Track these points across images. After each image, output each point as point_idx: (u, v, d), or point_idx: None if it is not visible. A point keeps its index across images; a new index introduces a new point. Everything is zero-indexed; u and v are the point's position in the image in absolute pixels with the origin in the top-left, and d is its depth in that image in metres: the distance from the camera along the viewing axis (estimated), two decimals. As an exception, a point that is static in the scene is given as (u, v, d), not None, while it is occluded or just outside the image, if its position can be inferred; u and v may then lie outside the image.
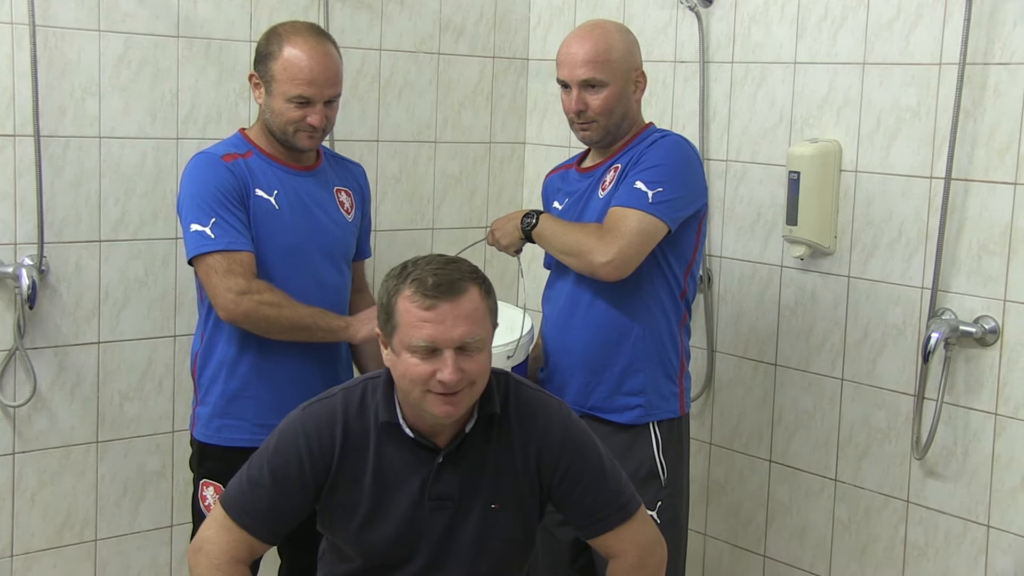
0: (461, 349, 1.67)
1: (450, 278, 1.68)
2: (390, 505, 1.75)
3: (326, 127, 2.21)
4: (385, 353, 1.74)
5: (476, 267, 1.75)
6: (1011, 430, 2.33)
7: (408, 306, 1.67)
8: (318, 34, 2.22)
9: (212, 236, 2.11)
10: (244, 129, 2.29)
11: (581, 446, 1.79)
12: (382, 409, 1.74)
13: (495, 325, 1.76)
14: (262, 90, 2.21)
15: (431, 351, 1.66)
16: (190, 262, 2.16)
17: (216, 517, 1.76)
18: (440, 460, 1.75)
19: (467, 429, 1.76)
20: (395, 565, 1.77)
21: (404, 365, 1.68)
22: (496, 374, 1.79)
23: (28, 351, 2.51)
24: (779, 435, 2.74)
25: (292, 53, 2.16)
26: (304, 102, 2.16)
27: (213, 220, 2.12)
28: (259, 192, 2.18)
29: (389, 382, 1.76)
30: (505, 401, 1.77)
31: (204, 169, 2.18)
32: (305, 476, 1.73)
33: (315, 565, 1.92)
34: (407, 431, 1.74)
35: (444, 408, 1.68)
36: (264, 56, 2.20)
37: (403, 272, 1.71)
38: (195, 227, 2.13)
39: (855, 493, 2.60)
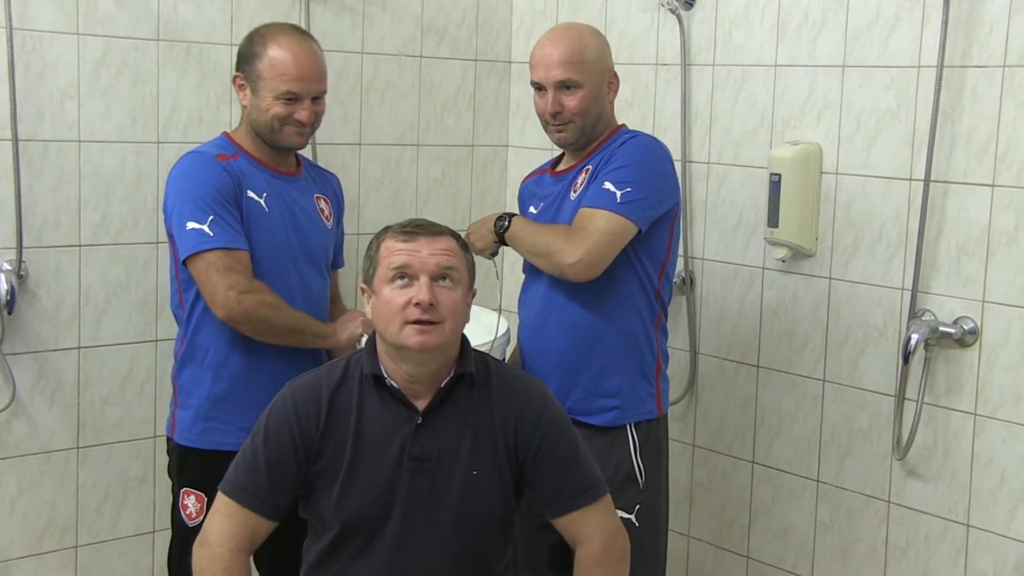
0: (435, 280, 1.76)
1: (429, 223, 1.83)
2: (370, 465, 1.78)
3: (314, 124, 2.21)
4: (368, 306, 1.83)
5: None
6: (990, 430, 2.34)
7: (388, 243, 1.80)
8: (301, 32, 2.24)
9: (211, 234, 2.09)
10: (228, 132, 2.28)
11: (557, 423, 1.85)
12: (366, 363, 1.81)
13: (472, 278, 1.84)
14: (247, 91, 2.20)
15: (408, 278, 1.75)
16: (184, 261, 2.14)
17: (219, 507, 1.79)
18: (419, 420, 1.79)
19: (443, 384, 1.81)
20: (371, 531, 1.79)
21: (384, 300, 1.77)
22: (477, 352, 1.86)
23: (7, 356, 2.50)
24: (762, 436, 2.75)
25: (278, 50, 2.17)
26: (292, 98, 2.16)
27: (211, 218, 2.10)
28: (250, 193, 2.17)
29: (372, 344, 1.84)
30: (487, 375, 1.84)
31: (200, 167, 2.16)
32: (296, 443, 1.78)
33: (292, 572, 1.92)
34: (390, 382, 1.80)
35: (419, 338, 1.74)
36: (248, 56, 2.20)
37: (386, 227, 1.84)
38: (192, 225, 2.10)
39: (837, 494, 2.61)
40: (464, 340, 1.84)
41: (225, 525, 1.77)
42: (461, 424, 1.80)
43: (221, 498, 1.79)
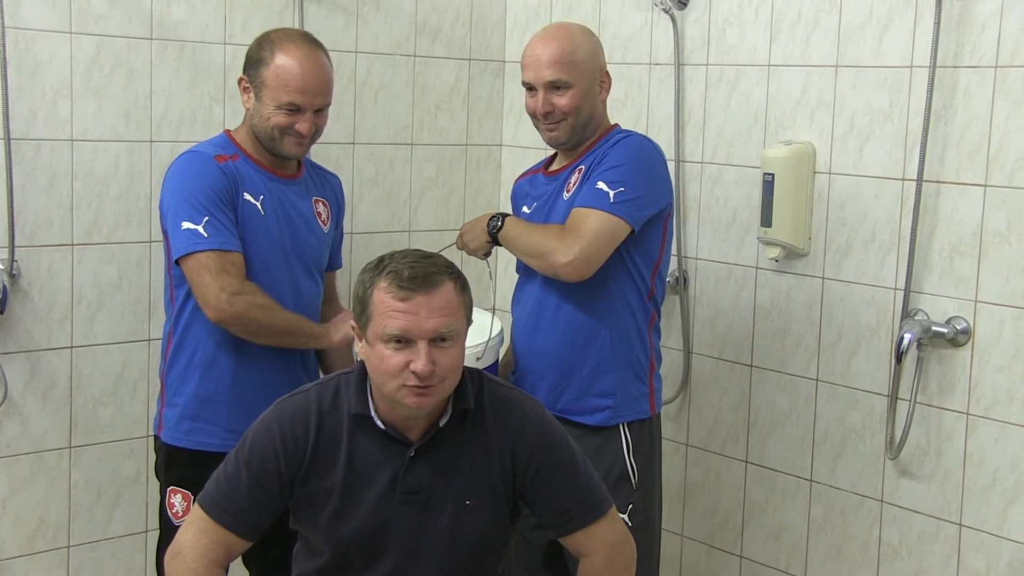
0: (434, 341, 1.68)
1: (426, 271, 1.70)
2: (360, 497, 1.75)
3: (314, 135, 2.21)
4: (360, 346, 1.76)
5: (452, 263, 1.77)
6: (982, 430, 2.35)
7: (383, 297, 1.70)
8: (311, 42, 2.21)
9: (205, 235, 2.09)
10: (229, 131, 2.27)
11: (555, 444, 1.80)
12: (354, 401, 1.76)
13: (469, 321, 1.78)
14: (251, 95, 2.20)
15: (405, 342, 1.68)
16: (177, 261, 2.13)
17: (194, 520, 1.76)
18: (411, 454, 1.75)
19: (441, 424, 1.77)
20: (365, 561, 1.77)
21: (378, 356, 1.70)
22: (470, 372, 1.80)
23: (-1, 356, 2.50)
24: (755, 436, 2.75)
25: (284, 60, 2.15)
26: (294, 109, 2.15)
27: (206, 219, 2.10)
28: (247, 196, 2.17)
29: (362, 376, 1.78)
30: (479, 398, 1.79)
31: (197, 167, 2.15)
32: (280, 468, 1.74)
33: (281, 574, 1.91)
34: (378, 423, 1.76)
35: (417, 400, 1.69)
36: (255, 61, 2.19)
37: (379, 265, 1.74)
38: (187, 225, 2.10)
39: (830, 493, 2.61)
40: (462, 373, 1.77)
41: (200, 540, 1.74)
42: (455, 455, 1.76)
43: (198, 511, 1.76)
